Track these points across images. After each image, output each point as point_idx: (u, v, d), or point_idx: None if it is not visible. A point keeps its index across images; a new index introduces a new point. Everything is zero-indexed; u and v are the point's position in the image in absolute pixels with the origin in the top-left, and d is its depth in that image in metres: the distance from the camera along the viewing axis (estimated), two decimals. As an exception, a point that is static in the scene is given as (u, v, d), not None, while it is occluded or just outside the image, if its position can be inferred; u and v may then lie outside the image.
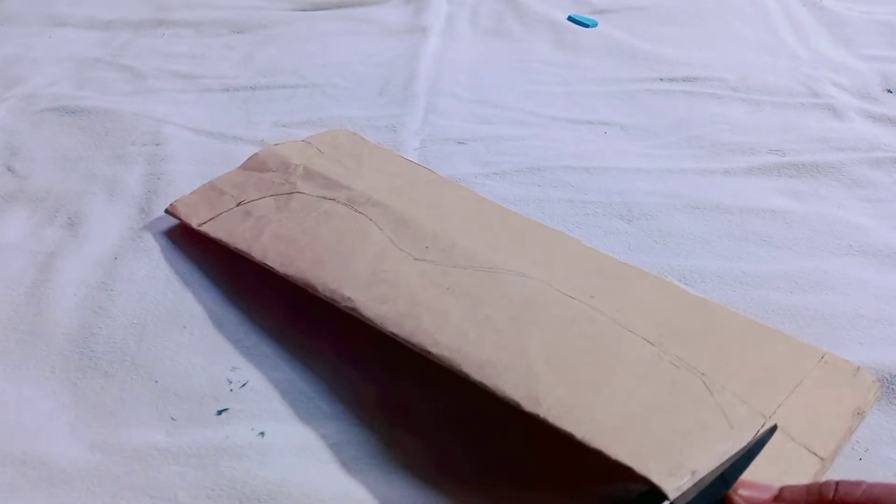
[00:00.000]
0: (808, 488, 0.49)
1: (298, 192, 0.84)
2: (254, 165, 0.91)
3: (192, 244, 0.83)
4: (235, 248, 0.78)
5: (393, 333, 0.65)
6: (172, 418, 0.65)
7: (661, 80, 1.17)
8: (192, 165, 0.96)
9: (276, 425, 0.64)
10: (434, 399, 0.66)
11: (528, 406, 0.57)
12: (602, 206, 0.88)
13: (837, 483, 0.47)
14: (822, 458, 0.56)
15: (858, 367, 0.65)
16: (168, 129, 1.04)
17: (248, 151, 0.96)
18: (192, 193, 0.88)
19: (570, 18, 1.38)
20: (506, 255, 0.74)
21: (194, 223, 0.83)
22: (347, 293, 0.69)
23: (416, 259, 0.73)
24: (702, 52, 1.25)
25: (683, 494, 0.50)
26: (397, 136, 1.02)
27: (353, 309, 0.68)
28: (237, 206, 0.84)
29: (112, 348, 0.71)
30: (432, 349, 0.63)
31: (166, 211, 0.86)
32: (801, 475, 0.54)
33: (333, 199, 0.82)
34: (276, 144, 0.94)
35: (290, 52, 1.28)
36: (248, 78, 1.20)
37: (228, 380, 0.68)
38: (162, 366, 0.70)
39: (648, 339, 0.63)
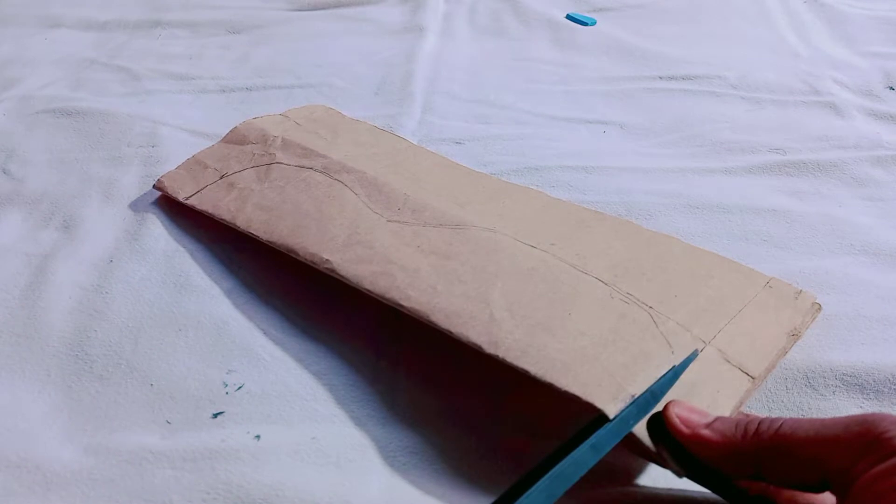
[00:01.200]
0: (737, 422, 0.50)
1: (277, 163, 0.87)
2: (234, 138, 0.94)
3: (187, 236, 0.83)
4: (221, 220, 0.82)
5: (369, 291, 0.70)
6: (168, 422, 0.65)
7: (661, 78, 1.18)
8: (187, 167, 0.96)
9: (273, 428, 0.64)
10: (431, 400, 0.67)
11: (489, 349, 0.61)
12: (601, 205, 0.87)
13: (760, 420, 0.49)
14: (752, 378, 0.60)
15: (800, 291, 0.70)
16: (164, 131, 1.04)
17: (244, 152, 0.96)
18: (177, 168, 0.91)
19: (569, 17, 1.38)
20: (474, 212, 0.77)
21: (181, 197, 0.87)
22: (326, 255, 0.74)
23: (388, 220, 0.77)
24: (701, 50, 1.25)
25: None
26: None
27: (331, 270, 0.73)
28: (221, 178, 0.88)
29: (107, 351, 0.71)
30: (404, 303, 0.67)
31: (154, 186, 0.90)
32: (733, 393, 0.59)
33: (311, 168, 0.86)
34: (255, 118, 0.98)
35: (286, 52, 1.28)
36: (244, 78, 1.20)
37: (224, 383, 0.68)
38: (157, 369, 0.70)
39: (603, 279, 0.67)
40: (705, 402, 0.57)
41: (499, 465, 0.61)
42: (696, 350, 0.61)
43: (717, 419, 0.52)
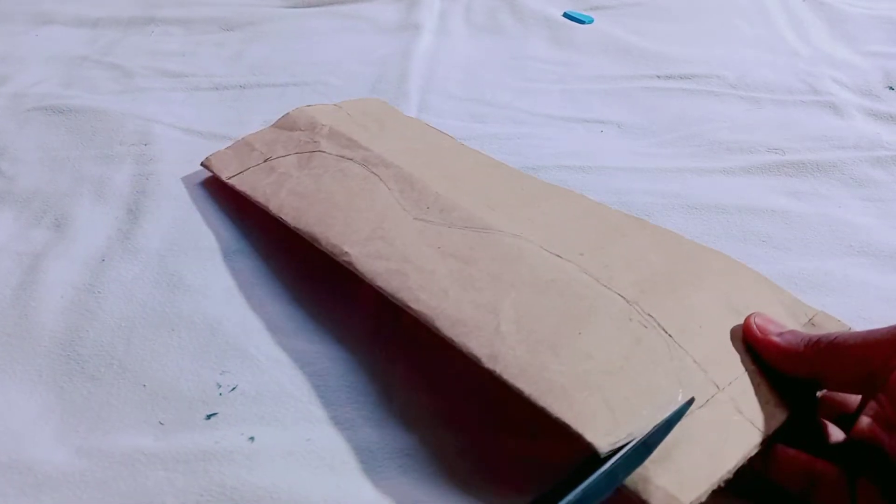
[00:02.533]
0: (801, 335, 0.57)
1: (320, 151, 0.89)
2: (285, 124, 0.97)
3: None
4: (256, 202, 0.84)
5: (380, 288, 0.69)
6: (161, 423, 0.65)
7: (659, 77, 1.18)
8: (180, 165, 0.96)
9: (267, 430, 0.64)
10: (427, 402, 0.67)
11: (488, 363, 0.59)
12: (598, 205, 0.87)
13: (820, 335, 0.56)
14: (763, 433, 0.56)
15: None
16: (156, 129, 1.04)
17: (238, 151, 0.96)
18: (226, 148, 0.96)
19: (566, 15, 1.38)
20: (504, 216, 0.76)
21: (224, 176, 0.90)
22: (346, 248, 0.74)
23: (415, 218, 0.76)
24: (700, 49, 1.25)
25: (611, 458, 0.53)
26: (390, 135, 1.02)
27: (349, 263, 0.72)
28: (264, 161, 0.90)
29: (99, 351, 0.71)
30: (412, 305, 0.66)
31: (201, 164, 0.94)
32: (740, 446, 0.55)
33: (351, 159, 0.86)
34: (308, 106, 0.99)
35: (280, 49, 1.28)
36: (238, 76, 1.20)
37: (218, 383, 0.68)
38: (150, 369, 0.69)
39: (626, 296, 0.64)
40: (708, 450, 0.54)
41: (495, 468, 0.61)
42: (692, 399, 0.57)
43: (788, 331, 0.58)
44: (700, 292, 0.66)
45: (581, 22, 1.36)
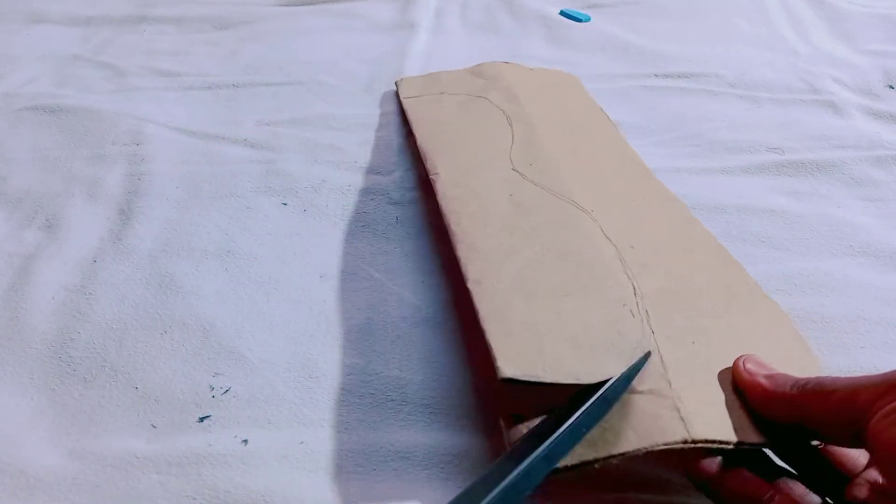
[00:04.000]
0: (790, 378, 0.54)
1: (485, 98, 0.96)
2: (477, 71, 1.07)
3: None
4: (410, 121, 0.97)
5: (440, 206, 0.78)
6: (153, 425, 0.65)
7: (657, 76, 1.17)
8: (173, 165, 0.96)
9: (260, 432, 0.64)
10: (421, 403, 0.66)
11: (470, 284, 0.66)
12: (596, 205, 0.87)
13: (808, 378, 0.53)
14: (692, 436, 0.54)
15: None
16: (149, 129, 1.04)
17: (231, 150, 0.97)
18: (420, 76, 1.10)
19: (563, 13, 1.38)
20: (593, 195, 0.78)
21: (402, 95, 1.04)
22: (439, 170, 0.83)
23: (513, 168, 0.82)
24: (698, 48, 1.25)
25: (567, 409, 0.54)
26: (385, 135, 1.02)
27: (433, 181, 0.82)
28: (439, 94, 1.01)
29: (91, 354, 0.71)
30: (453, 226, 0.74)
31: (395, 82, 1.09)
32: (658, 436, 0.54)
33: (503, 111, 0.92)
34: (505, 63, 1.08)
35: (274, 48, 1.28)
36: (231, 75, 1.20)
37: (210, 386, 0.68)
38: (142, 371, 0.69)
39: (638, 290, 0.65)
40: (618, 427, 0.54)
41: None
42: (650, 352, 0.60)
43: (776, 374, 0.56)
44: (717, 324, 0.65)
45: (578, 20, 1.36)
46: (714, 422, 0.55)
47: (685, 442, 0.53)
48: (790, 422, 0.53)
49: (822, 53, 1.23)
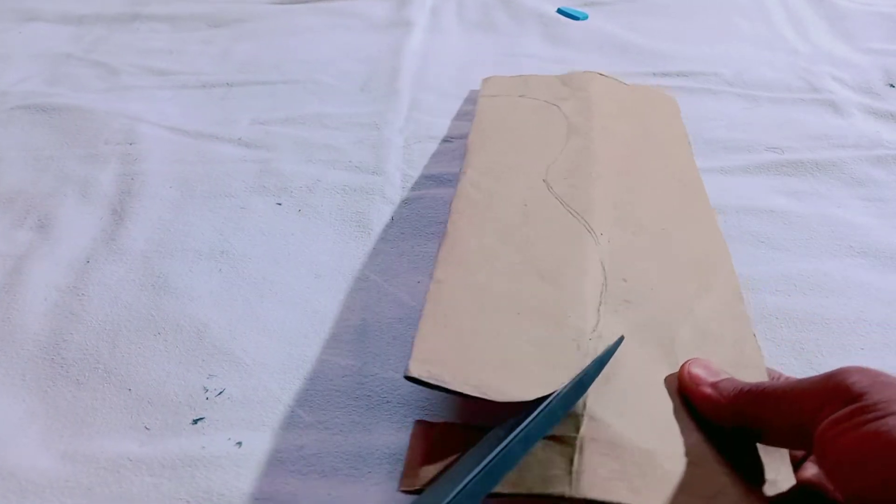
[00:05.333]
0: (735, 383, 0.54)
1: (557, 106, 0.94)
2: (567, 78, 1.02)
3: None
4: (474, 119, 0.95)
5: (453, 202, 0.78)
6: (146, 428, 0.65)
7: (655, 74, 1.17)
8: (167, 165, 0.96)
9: (254, 435, 0.64)
10: (417, 404, 0.66)
11: (433, 280, 0.66)
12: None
13: (753, 383, 0.53)
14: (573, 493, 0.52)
15: None
16: (142, 128, 1.04)
17: (225, 150, 0.97)
18: (509, 77, 1.07)
19: (560, 11, 1.38)
20: (613, 217, 0.76)
21: (482, 93, 1.02)
22: (470, 170, 0.83)
23: (543, 179, 0.80)
24: (697, 46, 1.25)
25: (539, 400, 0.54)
26: (380, 134, 1.02)
27: (459, 178, 0.82)
28: (518, 97, 0.99)
29: (84, 355, 0.71)
30: (452, 218, 0.74)
31: (482, 79, 1.08)
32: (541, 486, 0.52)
33: (567, 121, 0.90)
34: (601, 74, 1.04)
35: (269, 47, 1.28)
36: (225, 74, 1.20)
37: (204, 388, 0.68)
38: (135, 373, 0.69)
39: (597, 329, 0.62)
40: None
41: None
42: (623, 337, 0.60)
43: (723, 379, 0.56)
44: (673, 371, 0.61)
45: (575, 18, 1.36)
46: (607, 479, 0.51)
47: (563, 497, 0.51)
48: (736, 426, 0.54)
49: (821, 52, 1.23)
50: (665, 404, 0.57)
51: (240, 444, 0.63)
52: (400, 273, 0.80)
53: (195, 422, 0.65)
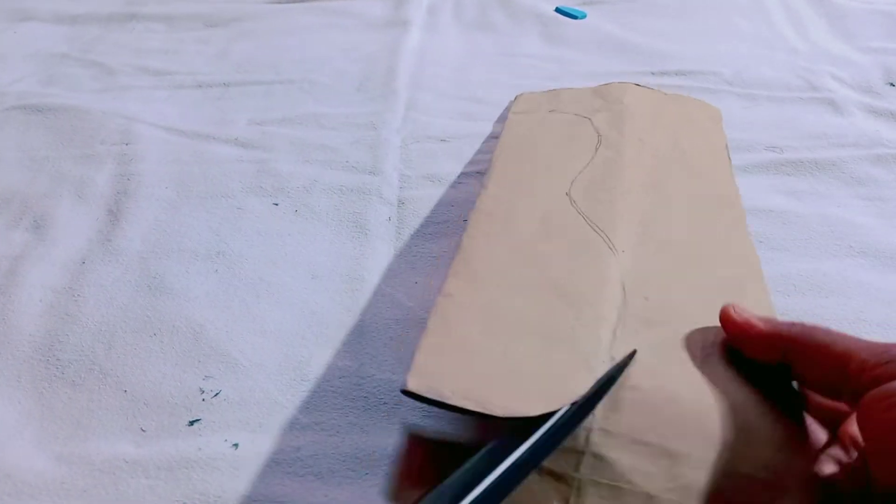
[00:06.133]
0: (788, 322, 0.53)
1: (588, 119, 0.91)
2: (601, 90, 0.99)
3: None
4: (501, 135, 0.91)
5: (470, 213, 0.75)
6: (142, 429, 0.65)
7: (653, 73, 1.18)
8: (163, 165, 0.96)
9: (251, 437, 0.64)
10: (413, 406, 0.66)
11: (440, 298, 0.62)
12: (592, 205, 0.87)
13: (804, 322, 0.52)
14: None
15: None
16: (139, 128, 1.04)
17: (221, 150, 0.97)
18: (541, 92, 1.05)
19: (558, 10, 1.38)
20: (637, 233, 0.72)
21: (512, 111, 0.99)
22: (491, 185, 0.79)
23: (565, 193, 0.77)
24: (695, 45, 1.25)
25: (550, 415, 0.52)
26: (377, 134, 1.02)
27: (479, 194, 0.78)
28: (548, 112, 0.96)
29: (79, 356, 0.71)
30: (465, 241, 0.70)
31: (516, 97, 1.05)
32: None
33: (600, 136, 0.87)
34: (637, 85, 1.00)
35: (266, 46, 1.28)
36: (222, 74, 1.20)
37: (201, 389, 0.68)
38: (131, 374, 0.69)
39: (611, 350, 0.60)
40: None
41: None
42: (634, 352, 0.58)
43: (770, 317, 0.55)
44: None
45: (574, 17, 1.36)
46: None
47: None
48: (777, 359, 0.53)
49: (821, 51, 1.23)
50: (682, 425, 0.54)
51: (236, 445, 0.63)
52: (397, 274, 0.80)
53: (191, 423, 0.65)
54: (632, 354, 0.57)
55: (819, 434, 0.53)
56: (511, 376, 0.56)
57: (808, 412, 0.54)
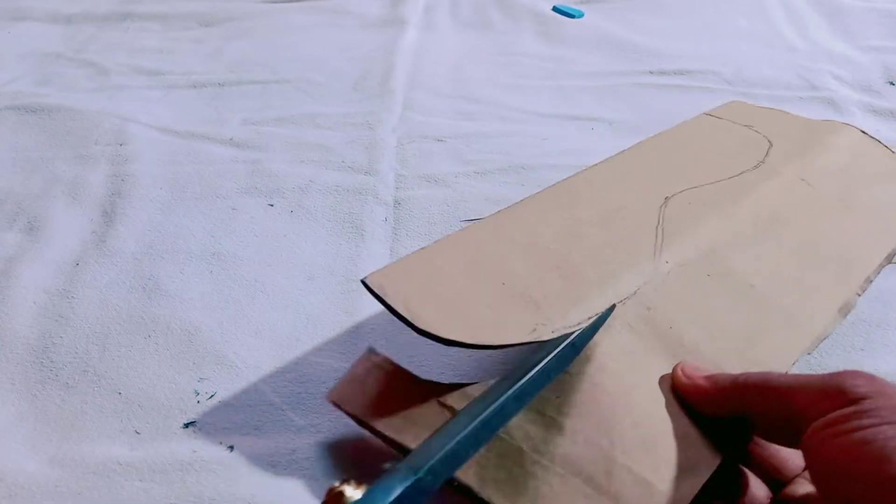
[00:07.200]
0: (730, 375, 0.54)
1: (770, 145, 0.87)
2: (813, 123, 0.94)
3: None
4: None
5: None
6: (136, 432, 0.65)
7: (652, 73, 1.18)
8: (157, 166, 0.96)
9: (246, 439, 0.64)
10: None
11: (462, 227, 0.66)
12: (589, 206, 0.88)
13: (748, 374, 0.53)
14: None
15: None
16: (133, 128, 1.04)
17: (216, 150, 0.97)
18: (754, 105, 0.98)
19: (555, 9, 1.38)
20: (690, 250, 0.70)
21: (710, 112, 0.95)
22: (614, 158, 0.82)
23: (671, 194, 0.76)
24: (695, 44, 1.26)
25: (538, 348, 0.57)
26: (374, 134, 1.02)
27: (595, 165, 0.80)
28: (742, 125, 0.91)
29: (73, 358, 0.71)
30: (559, 183, 0.76)
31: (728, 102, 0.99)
32: None
33: (763, 160, 0.84)
34: (864, 132, 0.93)
35: (261, 46, 1.28)
36: (217, 73, 1.20)
37: (195, 391, 0.68)
38: (125, 377, 0.69)
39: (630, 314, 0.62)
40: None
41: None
42: (614, 306, 0.61)
43: (716, 373, 0.55)
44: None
45: (571, 16, 1.36)
46: None
47: None
48: (733, 415, 0.53)
49: (821, 50, 1.23)
50: (604, 421, 0.55)
51: (231, 447, 0.63)
52: (393, 274, 0.80)
53: (186, 426, 0.65)
54: (612, 308, 0.61)
55: (759, 491, 0.54)
56: (456, 306, 0.59)
57: (756, 469, 0.55)
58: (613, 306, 0.61)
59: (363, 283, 0.59)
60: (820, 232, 0.76)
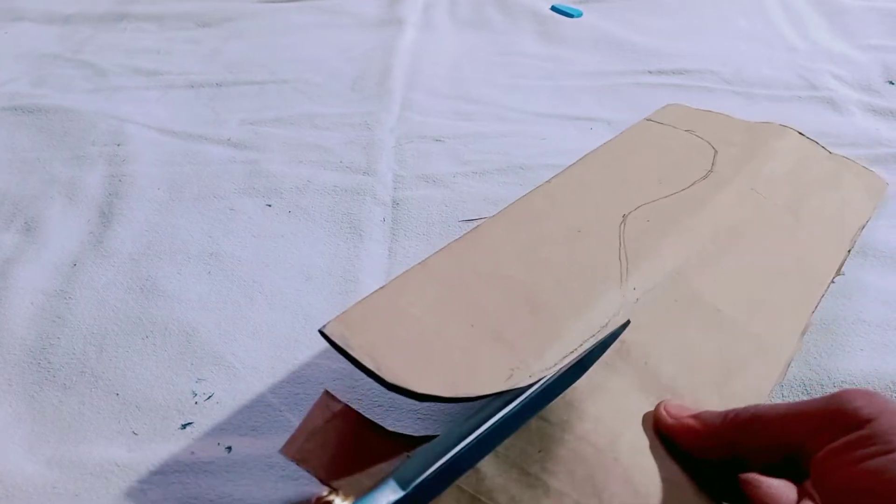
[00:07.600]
0: (719, 413, 0.52)
1: (715, 152, 0.86)
2: (754, 126, 0.92)
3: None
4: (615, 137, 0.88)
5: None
6: (134, 433, 0.65)
7: (651, 72, 1.18)
8: (155, 166, 0.96)
9: (244, 440, 0.64)
10: (409, 407, 0.66)
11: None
12: (588, 205, 0.88)
13: (740, 409, 0.51)
14: None
15: None
16: (130, 129, 1.04)
17: (214, 151, 0.97)
18: (693, 108, 0.97)
19: (554, 8, 1.38)
20: (657, 274, 0.69)
21: (651, 117, 0.94)
22: (556, 181, 0.77)
23: (623, 216, 0.74)
24: (693, 44, 1.26)
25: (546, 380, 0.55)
26: (372, 134, 1.02)
27: (548, 181, 0.77)
28: (684, 130, 0.90)
29: (71, 359, 0.71)
30: (514, 204, 0.73)
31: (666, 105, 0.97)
32: None
33: (712, 170, 0.83)
34: (801, 133, 0.93)
35: (259, 46, 1.28)
36: (214, 74, 1.20)
37: (193, 392, 0.68)
38: (123, 378, 0.69)
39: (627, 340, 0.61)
40: None
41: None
42: (627, 322, 0.60)
43: (702, 412, 0.53)
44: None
45: (570, 16, 1.36)
46: None
47: None
48: (723, 457, 0.51)
49: (820, 49, 1.23)
50: (591, 476, 0.53)
51: (229, 448, 0.63)
52: (392, 275, 0.79)
53: (184, 427, 0.65)
54: (626, 323, 0.60)
55: None
56: (426, 354, 0.56)
57: None
58: (628, 322, 0.60)
59: (321, 332, 0.55)
60: (776, 245, 0.75)
